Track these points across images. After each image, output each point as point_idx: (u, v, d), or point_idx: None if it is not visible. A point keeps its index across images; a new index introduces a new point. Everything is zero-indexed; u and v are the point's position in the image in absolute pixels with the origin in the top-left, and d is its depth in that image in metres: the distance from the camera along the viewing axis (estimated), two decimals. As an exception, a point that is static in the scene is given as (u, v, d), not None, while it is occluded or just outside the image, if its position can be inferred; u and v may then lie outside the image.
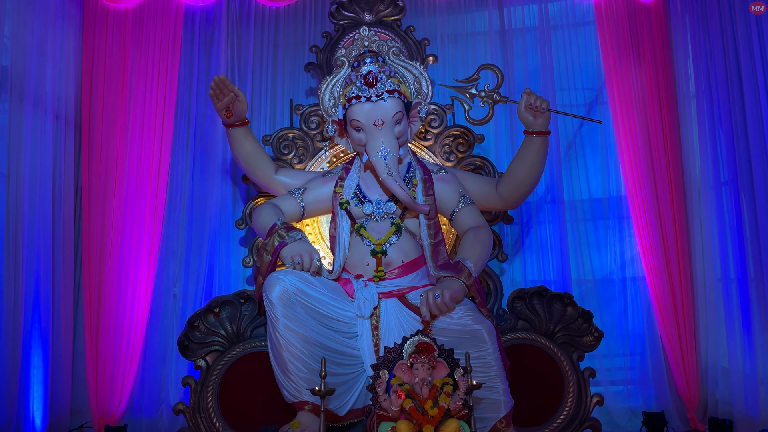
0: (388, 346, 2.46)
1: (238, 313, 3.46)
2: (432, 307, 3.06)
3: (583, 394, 3.49)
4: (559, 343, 3.56)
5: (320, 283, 3.25)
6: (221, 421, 3.33)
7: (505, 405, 3.08)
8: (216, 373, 3.39)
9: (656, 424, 4.23)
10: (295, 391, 3.07)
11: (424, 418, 2.12)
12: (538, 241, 4.80)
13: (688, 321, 4.51)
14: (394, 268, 3.45)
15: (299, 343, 3.08)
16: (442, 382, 2.23)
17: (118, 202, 4.38)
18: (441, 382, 2.23)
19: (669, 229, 4.61)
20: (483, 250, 3.43)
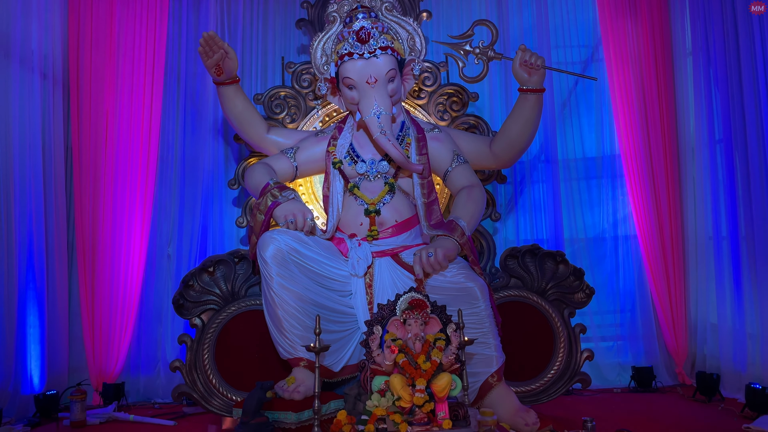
0: (381, 303, 2.48)
1: (232, 272, 3.47)
2: (425, 265, 3.08)
3: (574, 349, 3.56)
4: (551, 300, 3.61)
5: (314, 242, 3.26)
6: (218, 378, 3.38)
7: (497, 360, 3.14)
8: (212, 331, 3.42)
9: (645, 378, 4.33)
10: (291, 348, 3.12)
11: (416, 372, 2.16)
12: (531, 200, 4.82)
13: (678, 278, 4.58)
14: (387, 228, 3.46)
15: (294, 301, 3.11)
16: (434, 337, 2.27)
17: (109, 162, 4.34)
18: (433, 337, 2.27)
19: (661, 188, 4.64)
20: (476, 209, 3.44)
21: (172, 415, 3.85)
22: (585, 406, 3.81)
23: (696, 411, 3.63)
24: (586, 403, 3.91)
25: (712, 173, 4.35)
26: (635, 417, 3.48)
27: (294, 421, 2.89)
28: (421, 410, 2.11)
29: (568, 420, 3.38)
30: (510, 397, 3.10)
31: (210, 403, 3.36)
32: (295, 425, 2.89)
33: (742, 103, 4.02)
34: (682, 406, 3.77)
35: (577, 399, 4.03)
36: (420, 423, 2.10)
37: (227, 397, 3.36)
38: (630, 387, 4.39)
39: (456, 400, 2.20)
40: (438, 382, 2.16)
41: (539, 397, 3.52)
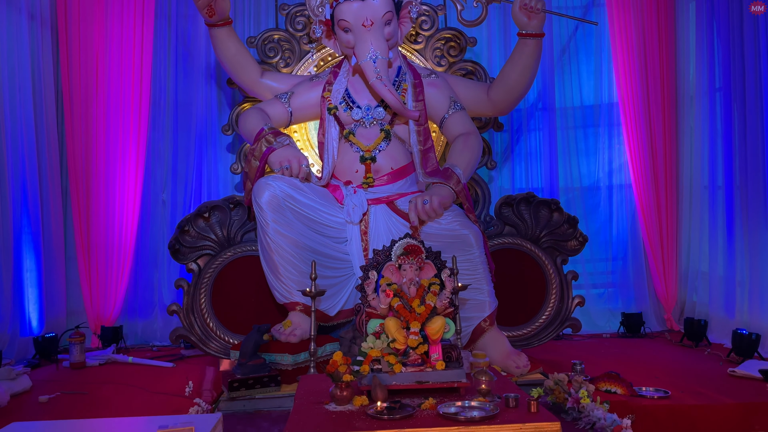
0: (377, 249, 2.51)
1: (227, 218, 3.48)
2: (420, 212, 3.10)
3: (565, 295, 3.62)
4: (544, 248, 3.65)
5: (309, 188, 3.26)
6: (215, 321, 3.43)
7: (490, 305, 3.19)
8: (208, 276, 3.45)
9: (634, 324, 4.42)
10: (287, 292, 3.16)
11: (411, 315, 2.20)
12: (528, 148, 4.80)
13: (671, 227, 4.62)
14: (383, 175, 3.45)
15: (289, 246, 3.13)
16: (429, 282, 2.30)
17: (100, 105, 4.27)
18: (428, 282, 2.30)
19: (658, 137, 4.63)
20: (472, 157, 3.42)
21: (170, 357, 3.93)
22: (575, 350, 3.90)
23: (682, 355, 3.72)
24: (576, 348, 4.00)
25: (710, 122, 4.33)
26: (623, 360, 3.56)
27: (290, 362, 2.95)
28: (415, 352, 2.16)
29: (557, 363, 3.47)
30: (501, 340, 3.17)
31: (208, 346, 3.42)
32: (291, 366, 2.96)
33: (742, 52, 3.97)
34: (668, 351, 3.87)
35: (567, 343, 4.12)
36: (414, 364, 2.15)
37: (224, 340, 3.42)
38: (619, 333, 4.48)
39: (449, 343, 2.25)
40: (432, 325, 2.20)
41: (530, 341, 3.60)
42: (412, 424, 1.85)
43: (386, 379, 2.10)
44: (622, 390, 2.79)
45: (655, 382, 3.01)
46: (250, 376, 2.80)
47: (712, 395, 2.80)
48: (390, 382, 2.10)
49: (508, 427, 1.81)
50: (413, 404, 2.00)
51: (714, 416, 2.67)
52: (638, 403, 2.68)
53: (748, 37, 3.91)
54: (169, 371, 3.62)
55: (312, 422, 1.91)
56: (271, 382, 2.83)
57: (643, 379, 3.05)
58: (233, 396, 2.76)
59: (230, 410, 2.77)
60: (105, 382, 3.27)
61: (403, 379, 2.13)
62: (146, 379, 3.33)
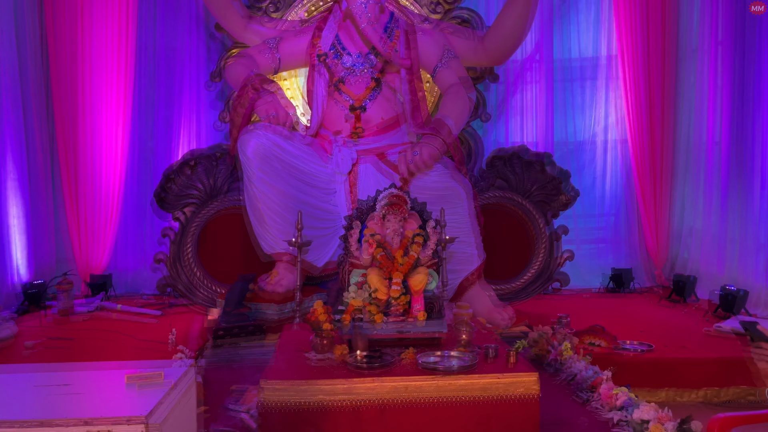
0: (362, 199, 2.47)
1: (214, 167, 3.43)
2: (410, 164, 3.04)
3: (554, 250, 3.60)
4: (535, 202, 3.61)
5: (297, 138, 3.19)
6: (202, 271, 3.42)
7: (477, 258, 3.18)
8: (194, 226, 3.42)
9: (622, 279, 4.42)
10: (273, 242, 3.13)
11: (393, 267, 2.18)
12: (523, 102, 4.69)
13: (665, 183, 4.57)
14: (372, 126, 3.38)
15: (276, 196, 3.09)
16: (413, 233, 2.27)
17: (86, 49, 4.15)
18: (412, 233, 2.27)
19: (657, 91, 4.52)
20: (465, 108, 3.35)
21: (159, 306, 3.93)
22: (561, 304, 3.90)
23: (668, 311, 3.73)
24: (563, 302, 4.00)
25: (711, 76, 4.23)
26: (609, 315, 3.57)
27: (276, 313, 2.95)
28: (397, 303, 2.15)
29: (544, 316, 3.47)
30: (488, 293, 3.17)
31: (194, 295, 3.42)
32: (277, 317, 2.96)
33: (744, 4, 3.85)
34: (656, 306, 3.88)
35: (554, 298, 4.12)
36: (395, 314, 2.14)
37: (211, 289, 3.41)
38: (607, 288, 4.48)
39: (432, 294, 2.24)
40: (415, 276, 2.18)
41: (518, 295, 3.61)
42: (391, 374, 1.85)
43: (367, 329, 2.09)
44: (606, 343, 2.80)
45: (640, 336, 3.03)
46: (234, 325, 2.80)
47: (695, 349, 2.82)
48: (371, 332, 2.09)
49: (486, 377, 1.81)
50: (393, 355, 2.00)
51: (695, 370, 2.69)
52: (621, 357, 2.69)
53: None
54: (156, 320, 3.63)
55: (291, 370, 1.91)
56: (256, 331, 2.83)
57: (627, 333, 3.06)
58: (218, 344, 2.77)
59: (215, 358, 2.78)
60: (92, 329, 3.27)
61: (384, 329, 2.13)
62: (134, 327, 3.33)
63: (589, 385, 2.22)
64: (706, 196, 4.24)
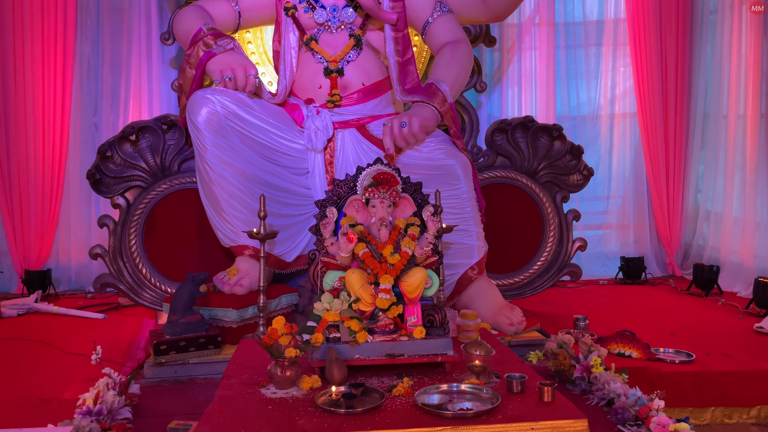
0: (339, 179, 1.92)
1: (161, 142, 2.84)
2: (397, 137, 2.51)
3: (565, 238, 3.10)
4: (542, 183, 3.10)
5: (260, 106, 2.63)
6: (149, 267, 2.85)
7: (478, 250, 2.66)
8: (139, 212, 2.85)
9: (634, 269, 3.97)
10: (232, 233, 2.58)
11: (381, 267, 1.64)
12: (521, 70, 4.20)
13: (678, 161, 4.14)
14: (352, 92, 2.81)
15: (235, 178, 2.53)
16: (406, 222, 1.73)
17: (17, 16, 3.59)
18: (405, 222, 1.73)
19: (671, 59, 4.09)
20: (461, 70, 2.81)
21: (106, 306, 3.38)
22: (571, 300, 3.44)
23: (695, 306, 3.27)
24: (572, 297, 3.53)
25: (734, 40, 3.74)
26: (628, 313, 3.10)
27: (235, 319, 2.41)
28: (386, 315, 1.62)
29: (554, 316, 3.00)
30: (492, 292, 2.65)
31: (140, 296, 2.86)
32: (236, 324, 2.41)
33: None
34: (677, 301, 3.42)
35: (560, 292, 3.65)
36: (384, 331, 1.61)
37: (161, 289, 2.86)
38: (617, 278, 4.04)
39: (431, 303, 1.71)
40: (409, 279, 1.64)
41: (523, 290, 3.10)
42: (379, 423, 1.31)
43: (346, 352, 1.56)
44: (639, 354, 2.31)
45: (672, 342, 2.55)
46: (182, 337, 2.25)
47: (743, 358, 2.34)
48: (351, 356, 1.56)
49: (514, 427, 1.28)
50: (382, 389, 1.47)
51: (746, 384, 2.21)
52: (658, 370, 2.21)
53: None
54: (99, 324, 3.09)
55: (236, 416, 1.38)
56: (209, 343, 2.29)
57: (656, 336, 2.59)
58: (160, 361, 2.22)
59: (157, 378, 2.23)
60: (12, 338, 2.72)
61: (369, 351, 1.59)
62: (69, 333, 2.80)
63: (633, 414, 1.71)
64: (728, 175, 3.78)
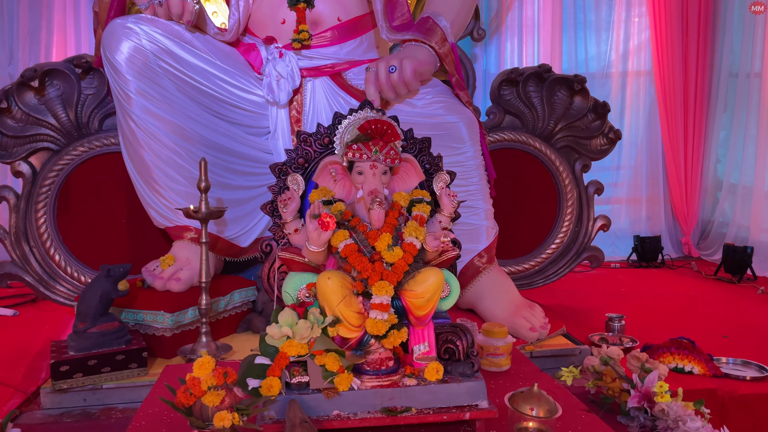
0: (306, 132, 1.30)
1: (74, 90, 2.18)
2: (384, 86, 1.92)
3: (585, 215, 2.55)
4: (559, 148, 2.53)
5: (203, 43, 2.00)
6: (63, 252, 2.22)
7: (488, 232, 2.10)
8: (49, 182, 2.20)
9: (649, 250, 3.47)
10: (167, 210, 1.96)
11: (374, 268, 1.03)
12: (522, 18, 3.64)
13: (698, 127, 3.65)
14: (325, 30, 2.18)
15: (168, 136, 1.91)
16: (410, 198, 1.13)
17: None
18: (408, 198, 1.13)
19: (692, 7, 3.56)
20: (465, 1, 2.21)
21: (20, 299, 2.74)
22: (584, 288, 2.91)
23: (732, 296, 2.77)
24: (584, 284, 3.01)
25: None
26: (657, 306, 2.59)
27: (169, 325, 1.80)
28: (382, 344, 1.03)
29: (573, 311, 2.47)
30: (506, 286, 2.09)
31: (52, 289, 2.23)
32: (171, 331, 1.81)
33: None
34: (708, 288, 2.92)
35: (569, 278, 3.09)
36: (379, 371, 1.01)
37: (79, 281, 2.24)
38: (630, 260, 3.53)
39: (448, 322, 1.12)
40: (417, 286, 1.04)
41: (534, 279, 2.56)
42: None
43: (319, 407, 0.97)
44: (701, 368, 1.78)
45: (731, 347, 2.04)
46: (91, 353, 1.64)
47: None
48: (327, 412, 0.97)
49: None
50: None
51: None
52: (733, 392, 1.68)
53: None
54: (5, 323, 2.45)
55: None
56: (131, 360, 1.68)
57: (704, 339, 2.07)
58: (61, 387, 1.61)
59: (57, 409, 1.63)
60: None
61: (355, 404, 1.00)
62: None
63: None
64: (760, 143, 3.28)
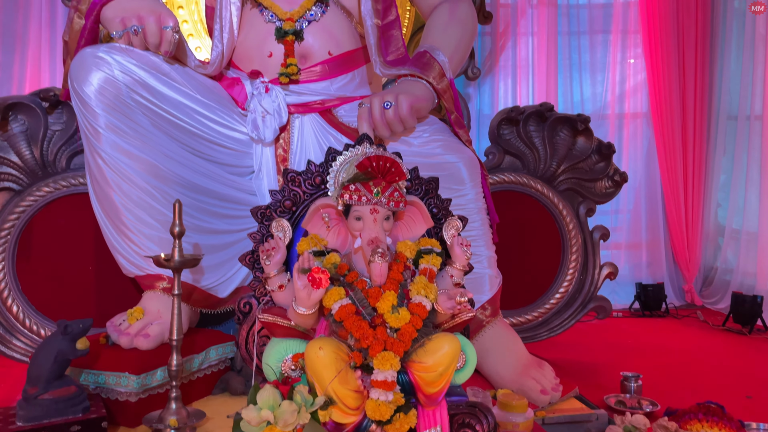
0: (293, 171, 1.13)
1: (40, 126, 2.01)
2: (379, 122, 1.77)
3: (590, 262, 2.39)
4: (561, 190, 2.39)
5: (181, 75, 1.84)
6: (21, 303, 2.01)
7: (491, 281, 1.92)
8: (9, 225, 2.01)
9: (652, 299, 3.31)
10: (137, 258, 1.77)
11: (375, 335, 0.84)
12: (516, 58, 3.58)
13: (698, 170, 3.55)
14: (314, 64, 2.04)
15: (141, 176, 1.73)
16: (417, 248, 0.96)
17: None
18: (416, 247, 0.96)
19: (689, 49, 3.54)
20: (463, 36, 2.09)
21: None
22: (588, 340, 2.73)
23: (746, 350, 2.61)
24: (588, 335, 2.83)
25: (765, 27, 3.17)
26: (670, 361, 2.41)
27: (135, 388, 1.58)
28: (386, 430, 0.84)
29: (581, 368, 2.28)
30: (513, 342, 1.90)
31: (9, 345, 2.01)
32: (136, 396, 1.59)
33: None
34: (719, 341, 2.75)
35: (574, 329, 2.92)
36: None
37: (39, 335, 2.02)
38: (632, 309, 3.38)
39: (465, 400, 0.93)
40: (427, 357, 0.85)
41: (537, 332, 2.38)
42: None
43: None
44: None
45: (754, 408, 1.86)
46: (41, 424, 1.42)
47: None
48: None
49: None
50: None
51: None
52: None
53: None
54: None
55: None
56: (88, 431, 1.45)
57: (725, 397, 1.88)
58: (3, 467, 1.38)
59: (-1, 494, 1.39)
60: None
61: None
62: None
63: None
64: (763, 189, 3.18)
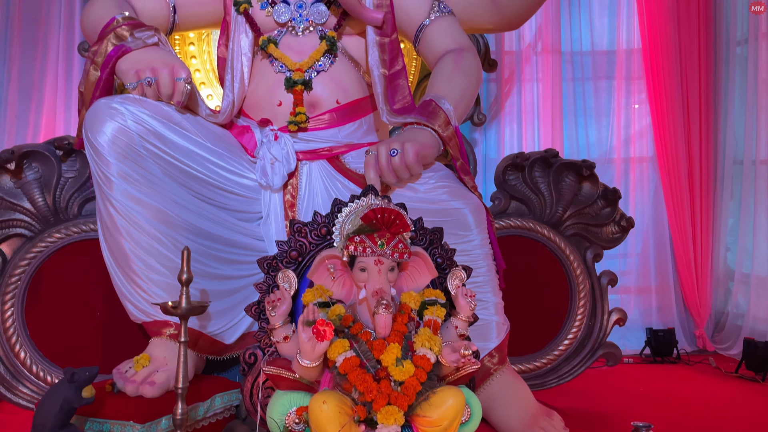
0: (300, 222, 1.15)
1: (54, 174, 2.05)
2: (385, 169, 1.79)
3: (599, 308, 2.37)
4: (568, 236, 2.39)
5: (193, 125, 1.89)
6: (29, 349, 2.02)
7: (498, 328, 1.91)
8: (20, 271, 2.03)
9: (663, 344, 3.27)
10: (146, 305, 1.78)
11: (380, 389, 0.85)
12: (522, 104, 3.63)
13: (706, 214, 3.55)
14: (322, 112, 2.09)
15: (151, 223, 1.75)
16: (421, 299, 0.97)
17: None
18: (420, 298, 0.97)
19: (693, 94, 3.58)
20: (468, 85, 2.13)
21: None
22: (598, 387, 2.69)
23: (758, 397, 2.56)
24: (598, 383, 2.78)
25: None
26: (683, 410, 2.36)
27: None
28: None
29: (592, 418, 2.24)
30: (521, 391, 1.88)
31: (15, 391, 2.01)
32: (141, 446, 1.58)
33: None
34: (732, 388, 2.70)
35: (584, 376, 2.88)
36: None
37: (46, 382, 2.02)
38: (642, 355, 3.33)
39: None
40: (432, 411, 0.85)
41: (546, 379, 2.35)
42: None
43: None
44: (751, 493, 1.55)
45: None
46: (45, 476, 1.41)
47: None
48: None
49: None
50: None
51: None
52: None
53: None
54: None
55: None
56: (91, 483, 1.44)
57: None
58: None
59: None
60: None
61: None
62: None
63: None
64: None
